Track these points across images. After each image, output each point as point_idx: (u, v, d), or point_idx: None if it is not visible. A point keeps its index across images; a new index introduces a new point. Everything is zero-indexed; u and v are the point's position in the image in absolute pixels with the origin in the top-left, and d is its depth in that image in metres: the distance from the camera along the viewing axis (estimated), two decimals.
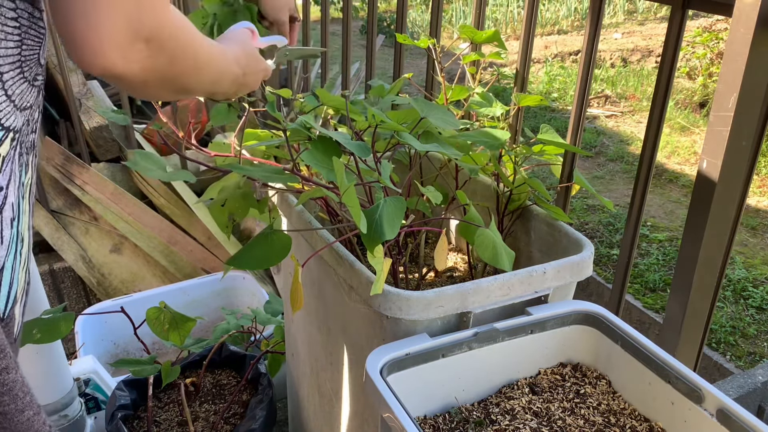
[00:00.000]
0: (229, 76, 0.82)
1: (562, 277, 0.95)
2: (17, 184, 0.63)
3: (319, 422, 1.30)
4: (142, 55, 0.59)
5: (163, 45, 0.61)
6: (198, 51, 0.69)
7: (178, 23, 0.65)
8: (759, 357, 2.35)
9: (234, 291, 2.09)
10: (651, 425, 0.87)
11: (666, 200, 3.49)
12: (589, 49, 1.15)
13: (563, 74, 5.36)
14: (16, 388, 0.59)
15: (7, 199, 0.61)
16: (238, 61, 0.84)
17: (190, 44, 0.67)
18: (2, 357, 0.58)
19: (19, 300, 0.65)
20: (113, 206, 2.22)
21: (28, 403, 0.61)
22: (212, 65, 0.74)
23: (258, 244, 0.92)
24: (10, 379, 0.58)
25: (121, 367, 1.38)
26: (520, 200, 1.14)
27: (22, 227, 0.65)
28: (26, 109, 0.64)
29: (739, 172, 0.99)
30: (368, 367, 0.82)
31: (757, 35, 0.89)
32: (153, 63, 0.61)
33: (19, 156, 0.63)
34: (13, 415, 0.60)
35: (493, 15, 7.08)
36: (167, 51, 0.62)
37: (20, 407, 0.60)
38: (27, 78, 0.62)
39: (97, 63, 0.57)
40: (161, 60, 0.62)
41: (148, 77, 0.62)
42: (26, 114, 0.64)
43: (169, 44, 0.62)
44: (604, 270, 2.87)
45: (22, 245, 0.66)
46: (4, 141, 0.60)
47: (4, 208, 0.61)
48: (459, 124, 0.99)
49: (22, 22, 0.59)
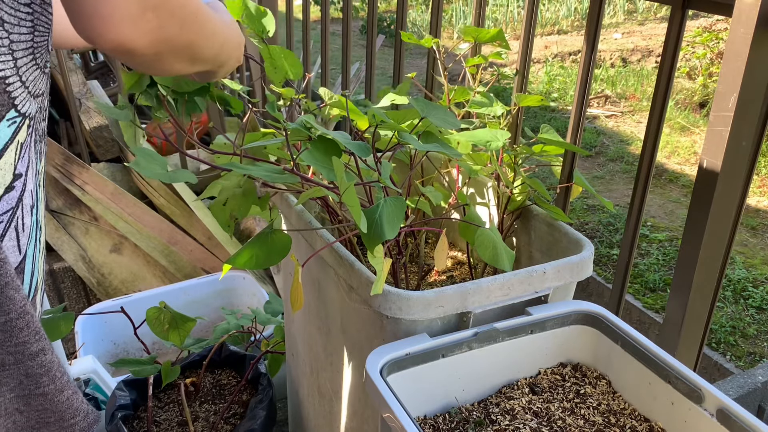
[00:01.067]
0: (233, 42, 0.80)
1: (562, 277, 0.95)
2: (34, 171, 0.63)
3: (319, 422, 1.30)
4: (153, 24, 0.58)
5: (173, 12, 0.60)
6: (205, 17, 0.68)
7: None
8: (759, 357, 2.35)
9: (234, 291, 2.09)
10: (651, 425, 0.87)
11: (666, 200, 3.49)
12: (589, 49, 1.15)
13: (563, 74, 5.36)
14: (53, 369, 0.60)
15: (26, 186, 0.61)
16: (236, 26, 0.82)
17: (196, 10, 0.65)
18: (38, 339, 0.58)
19: (40, 289, 0.66)
20: (113, 206, 2.22)
21: (66, 383, 0.61)
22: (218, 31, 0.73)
23: (258, 243, 0.92)
24: (47, 360, 0.59)
25: (121, 367, 1.38)
26: (520, 200, 1.14)
27: (40, 215, 0.65)
28: (39, 96, 0.64)
29: (739, 172, 0.99)
30: (368, 367, 0.82)
31: (757, 35, 0.89)
32: (164, 33, 0.60)
33: (34, 143, 0.63)
34: (54, 395, 0.60)
35: (493, 15, 7.08)
36: (176, 18, 0.61)
37: (59, 387, 0.60)
38: (39, 65, 0.61)
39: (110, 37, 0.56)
40: (171, 28, 0.60)
41: (161, 48, 0.61)
42: (39, 101, 0.64)
43: (177, 11, 0.61)
44: (604, 270, 2.87)
45: (40, 233, 0.66)
46: (22, 127, 0.60)
47: (24, 195, 0.61)
48: (460, 124, 0.99)
49: (34, 8, 0.59)
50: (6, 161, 0.59)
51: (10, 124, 0.59)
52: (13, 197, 0.60)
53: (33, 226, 0.63)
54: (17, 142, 0.60)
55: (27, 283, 0.62)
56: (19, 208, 0.60)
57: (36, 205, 0.64)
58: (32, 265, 0.63)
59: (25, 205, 0.61)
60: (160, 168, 0.85)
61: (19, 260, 0.61)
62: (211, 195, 1.08)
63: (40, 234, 0.65)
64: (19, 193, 0.60)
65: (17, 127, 0.60)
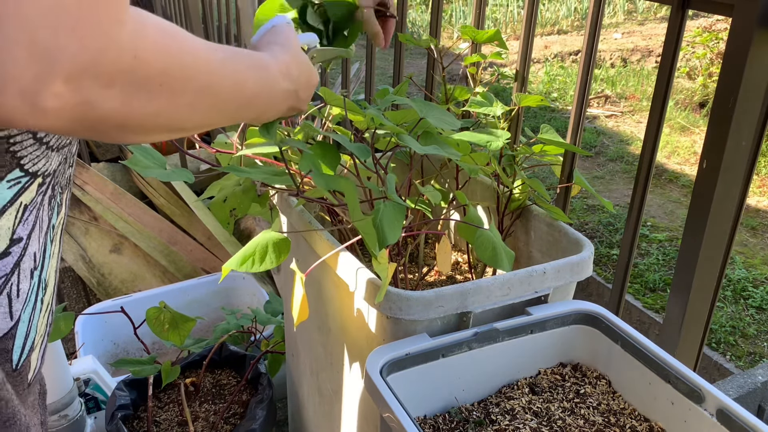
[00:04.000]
0: (277, 97, 0.63)
1: (562, 277, 0.95)
2: (45, 230, 0.56)
3: (319, 422, 1.30)
4: (69, 100, 0.40)
5: (117, 78, 0.42)
6: (205, 71, 0.50)
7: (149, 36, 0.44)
8: (759, 357, 2.35)
9: (234, 291, 2.09)
10: (651, 425, 0.87)
11: (666, 200, 3.49)
12: (589, 49, 1.15)
13: (563, 74, 5.36)
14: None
15: (27, 251, 0.54)
16: (287, 72, 0.64)
17: (180, 67, 0.47)
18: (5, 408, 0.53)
19: (38, 346, 0.59)
20: (113, 206, 2.22)
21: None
22: (243, 87, 0.56)
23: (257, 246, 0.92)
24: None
25: (121, 367, 1.38)
26: (520, 200, 1.14)
27: (46, 274, 0.58)
28: (64, 147, 0.55)
29: (739, 172, 0.99)
30: (368, 367, 0.82)
31: (757, 35, 0.89)
32: (96, 109, 0.42)
33: (50, 199, 0.56)
34: None
35: (493, 15, 7.08)
36: (134, 84, 0.43)
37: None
38: None
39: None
40: (115, 101, 0.43)
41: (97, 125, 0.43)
42: (64, 152, 0.56)
43: (133, 75, 0.43)
44: (604, 270, 2.87)
45: (44, 292, 0.58)
46: (29, 187, 0.53)
47: (22, 260, 0.54)
48: (459, 124, 0.98)
49: None
50: (1, 226, 0.51)
51: (11, 186, 0.51)
52: (8, 263, 0.53)
53: (33, 287, 0.56)
54: (19, 204, 0.52)
55: (19, 346, 0.55)
56: (15, 274, 0.53)
57: (41, 265, 0.56)
58: (27, 327, 0.56)
59: (23, 270, 0.54)
60: (157, 166, 0.85)
61: (10, 326, 0.54)
62: (211, 195, 1.08)
63: (44, 293, 0.58)
64: (16, 259, 0.53)
65: (22, 188, 0.52)
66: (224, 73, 0.53)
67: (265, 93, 0.61)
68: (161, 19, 0.47)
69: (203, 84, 0.50)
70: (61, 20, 0.38)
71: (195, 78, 0.49)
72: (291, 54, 0.66)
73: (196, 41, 0.50)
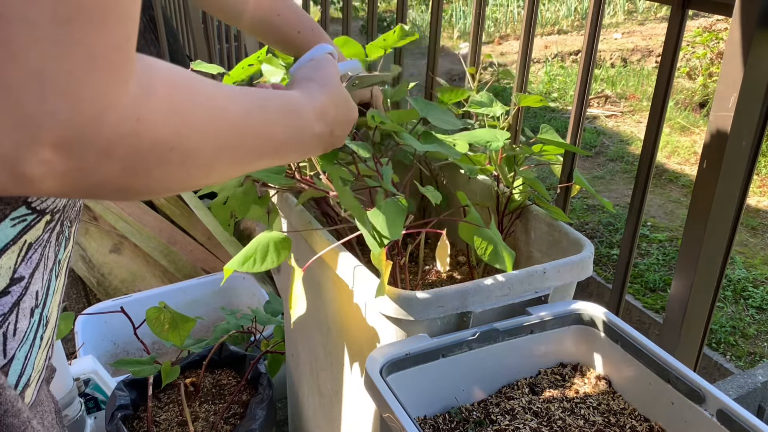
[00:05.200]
0: (308, 142, 0.59)
1: (562, 277, 0.95)
2: (50, 267, 0.53)
3: (319, 422, 1.30)
4: (57, 166, 0.36)
5: (117, 144, 0.37)
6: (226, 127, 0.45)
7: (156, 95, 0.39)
8: (759, 357, 2.35)
9: (234, 291, 2.09)
10: (651, 425, 0.87)
11: (666, 200, 3.49)
12: (589, 49, 1.15)
13: (563, 74, 5.36)
14: None
15: (28, 289, 0.51)
16: (323, 114, 0.60)
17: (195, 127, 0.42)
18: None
19: (34, 383, 0.56)
20: (113, 206, 2.22)
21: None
22: (270, 137, 0.52)
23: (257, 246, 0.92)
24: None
25: (121, 367, 1.38)
26: (520, 200, 1.14)
27: (48, 311, 0.55)
28: None
29: (739, 172, 0.99)
30: (368, 367, 0.82)
31: (757, 35, 0.89)
32: (94, 173, 0.38)
33: (57, 236, 0.53)
34: None
35: (493, 15, 7.07)
36: (138, 149, 0.39)
37: None
38: None
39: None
40: (115, 167, 0.38)
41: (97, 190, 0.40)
42: None
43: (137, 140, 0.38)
44: (604, 270, 2.87)
45: (45, 329, 0.55)
46: (35, 225, 0.49)
47: (22, 300, 0.51)
48: (459, 124, 0.99)
49: None
50: (1, 265, 0.48)
51: (15, 224, 0.48)
52: (6, 303, 0.50)
53: (32, 327, 0.53)
54: (23, 243, 0.49)
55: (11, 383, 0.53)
56: (13, 313, 0.50)
57: (43, 302, 0.53)
58: (21, 365, 0.53)
59: (23, 309, 0.51)
60: None
61: (2, 364, 0.51)
62: (209, 192, 1.08)
63: (44, 330, 0.55)
64: (15, 298, 0.50)
65: (27, 226, 0.49)
66: (249, 125, 0.49)
67: (294, 139, 0.57)
68: (174, 68, 0.42)
69: (222, 143, 0.45)
70: (52, 83, 0.34)
71: (213, 137, 0.44)
72: (329, 92, 0.63)
73: (217, 91, 0.45)
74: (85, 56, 0.34)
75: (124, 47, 0.36)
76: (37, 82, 0.33)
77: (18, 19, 0.32)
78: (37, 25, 0.32)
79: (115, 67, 0.36)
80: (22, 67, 0.33)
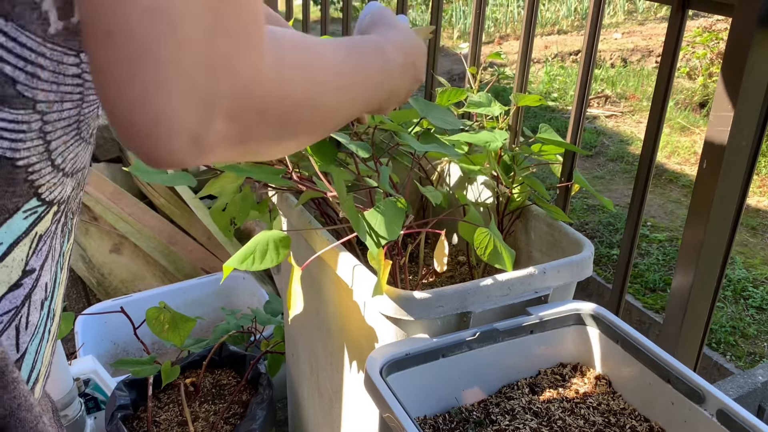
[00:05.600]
0: (398, 74, 0.64)
1: (562, 277, 0.95)
2: (56, 259, 0.55)
3: (319, 422, 1.30)
4: (226, 133, 0.42)
5: (267, 111, 0.44)
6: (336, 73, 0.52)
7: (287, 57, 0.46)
8: (759, 357, 2.35)
9: (234, 291, 2.09)
10: (651, 425, 0.87)
11: (666, 200, 3.49)
12: (589, 49, 1.15)
13: (563, 74, 5.36)
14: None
15: (39, 282, 0.53)
16: (401, 48, 0.65)
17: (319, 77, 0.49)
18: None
19: (42, 378, 0.57)
20: (113, 206, 2.22)
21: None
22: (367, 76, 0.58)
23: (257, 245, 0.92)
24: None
25: (121, 367, 1.38)
26: (520, 200, 1.14)
27: (55, 304, 0.57)
28: (78, 171, 0.55)
29: (739, 172, 0.99)
30: (368, 367, 0.82)
31: (757, 35, 0.89)
32: (253, 133, 0.44)
33: (62, 227, 0.55)
34: None
35: (493, 15, 7.07)
36: (272, 112, 0.45)
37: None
38: (83, 137, 0.52)
39: (160, 157, 0.41)
40: (268, 125, 0.45)
41: (251, 148, 0.46)
42: (78, 176, 0.55)
43: (282, 95, 0.45)
44: (604, 270, 2.87)
45: (52, 322, 0.57)
46: (44, 217, 0.51)
47: (34, 292, 0.52)
48: (459, 123, 0.99)
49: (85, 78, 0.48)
50: (14, 257, 0.50)
51: (27, 216, 0.50)
52: (19, 295, 0.51)
53: (42, 319, 0.54)
54: (34, 235, 0.51)
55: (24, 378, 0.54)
56: (25, 306, 0.52)
57: (51, 294, 0.55)
58: (33, 359, 0.55)
59: (34, 301, 0.53)
60: (159, 171, 0.85)
61: (15, 359, 0.52)
62: (209, 193, 1.08)
63: (51, 323, 0.57)
64: (27, 291, 0.52)
65: (37, 218, 0.51)
66: (352, 70, 0.55)
67: (386, 75, 0.62)
68: (285, 31, 0.48)
69: (337, 87, 0.52)
70: (215, 65, 0.40)
71: (332, 85, 0.51)
72: (397, 29, 0.68)
73: (322, 45, 0.51)
74: (233, 37, 0.41)
75: (257, 21, 0.42)
76: (205, 67, 0.39)
77: (182, 15, 0.38)
78: (196, 19, 0.39)
79: (255, 40, 0.42)
80: (191, 57, 0.39)
